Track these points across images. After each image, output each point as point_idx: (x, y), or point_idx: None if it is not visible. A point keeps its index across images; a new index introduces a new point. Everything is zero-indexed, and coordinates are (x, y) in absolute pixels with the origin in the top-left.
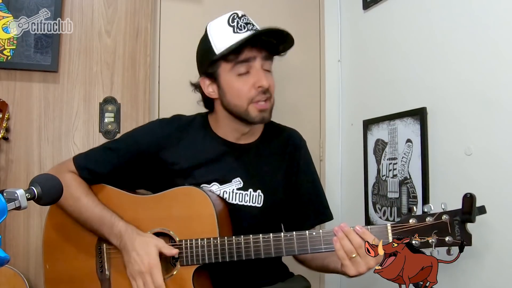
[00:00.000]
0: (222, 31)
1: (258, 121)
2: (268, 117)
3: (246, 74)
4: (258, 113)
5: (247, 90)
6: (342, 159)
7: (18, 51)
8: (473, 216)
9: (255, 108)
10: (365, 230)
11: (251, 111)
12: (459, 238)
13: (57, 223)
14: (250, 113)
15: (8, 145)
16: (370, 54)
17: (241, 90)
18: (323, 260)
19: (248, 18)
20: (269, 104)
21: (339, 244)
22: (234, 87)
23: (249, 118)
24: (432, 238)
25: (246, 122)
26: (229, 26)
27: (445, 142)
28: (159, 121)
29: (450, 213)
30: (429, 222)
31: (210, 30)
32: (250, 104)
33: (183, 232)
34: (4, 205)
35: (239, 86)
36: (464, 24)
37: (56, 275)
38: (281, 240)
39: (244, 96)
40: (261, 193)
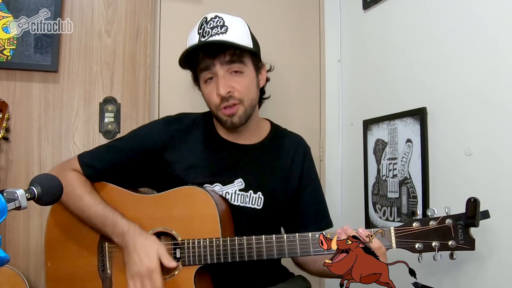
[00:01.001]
0: (191, 40)
1: (229, 126)
2: (239, 121)
3: (211, 80)
4: (226, 118)
5: (213, 97)
6: (342, 159)
7: (18, 51)
8: (476, 221)
9: (223, 114)
10: (368, 233)
11: (221, 116)
12: (462, 242)
13: (60, 221)
14: (221, 117)
15: (8, 145)
16: (370, 54)
17: (208, 97)
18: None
19: (220, 19)
20: (237, 108)
21: None
22: (204, 93)
23: (222, 122)
24: (435, 242)
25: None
26: (197, 34)
27: (445, 142)
28: (163, 120)
29: (454, 217)
30: (433, 226)
31: (188, 39)
32: (218, 111)
33: (185, 232)
34: (4, 205)
35: (207, 92)
36: (464, 24)
37: (58, 273)
38: (283, 241)
39: (211, 103)
40: (261, 195)
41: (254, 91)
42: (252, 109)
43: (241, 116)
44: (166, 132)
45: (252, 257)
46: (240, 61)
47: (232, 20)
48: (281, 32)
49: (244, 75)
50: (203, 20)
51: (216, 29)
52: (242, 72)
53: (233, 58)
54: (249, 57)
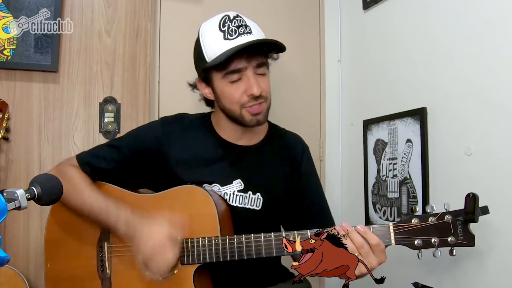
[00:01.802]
0: (213, 37)
1: (253, 124)
2: (263, 119)
3: (238, 81)
4: (252, 117)
5: (239, 96)
6: (342, 159)
7: (18, 51)
8: (476, 216)
9: (248, 113)
10: (367, 230)
11: (245, 115)
12: (461, 238)
13: (59, 221)
14: (245, 117)
15: (8, 145)
16: (370, 54)
17: (233, 96)
18: None
19: (241, 19)
20: (263, 107)
21: None
22: (226, 93)
23: (244, 122)
24: (435, 238)
25: (242, 125)
26: (220, 32)
27: (445, 142)
28: (161, 120)
29: (453, 213)
30: (432, 222)
31: (202, 34)
32: (243, 109)
33: (184, 231)
34: (4, 205)
35: (231, 92)
36: (464, 24)
37: (57, 274)
38: (282, 239)
39: (236, 102)
40: (260, 196)
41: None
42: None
43: (265, 114)
44: (164, 132)
45: (251, 255)
46: (265, 64)
47: (251, 22)
48: (281, 32)
49: (267, 76)
50: (225, 18)
51: (242, 28)
52: (265, 74)
53: (262, 60)
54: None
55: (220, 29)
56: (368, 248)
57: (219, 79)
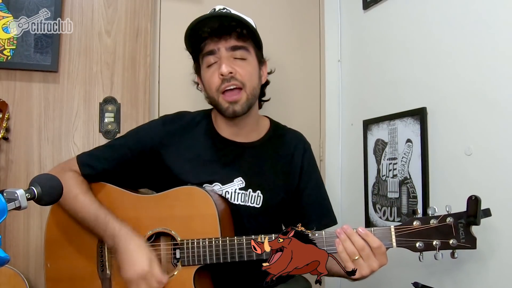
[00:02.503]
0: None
1: (229, 114)
2: (241, 109)
3: (214, 64)
4: (228, 105)
5: (215, 80)
6: (342, 159)
7: (18, 51)
8: (478, 219)
9: (224, 100)
10: (368, 232)
11: (221, 102)
12: (463, 241)
13: (59, 221)
14: (221, 104)
15: (8, 145)
16: (370, 54)
17: (209, 81)
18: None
19: (227, 10)
20: (238, 95)
21: (342, 246)
22: (205, 78)
23: (222, 110)
24: (436, 240)
25: (224, 116)
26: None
27: (445, 142)
28: (161, 119)
29: (455, 215)
30: (433, 225)
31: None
32: (220, 95)
33: (184, 232)
34: (4, 205)
35: (208, 76)
36: (464, 24)
37: (57, 274)
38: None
39: (213, 86)
40: (261, 194)
41: (256, 81)
42: (253, 99)
43: (243, 104)
44: (164, 131)
45: (251, 257)
46: (245, 48)
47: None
48: (281, 32)
49: (247, 62)
50: (213, 10)
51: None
52: (246, 59)
53: (238, 43)
54: (252, 47)
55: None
56: (369, 251)
57: (202, 66)
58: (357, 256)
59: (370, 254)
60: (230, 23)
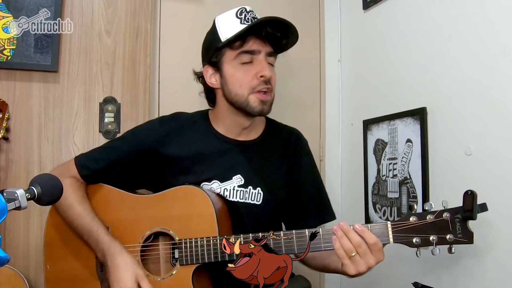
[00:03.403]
0: (229, 22)
1: (258, 112)
2: (268, 110)
3: (249, 64)
4: (258, 104)
5: (250, 79)
6: (342, 159)
7: (18, 51)
8: (474, 214)
9: (256, 98)
10: (364, 228)
11: (252, 100)
12: (460, 236)
13: (58, 223)
14: (251, 102)
15: (8, 145)
16: (370, 54)
17: (243, 79)
18: (323, 260)
19: (256, 14)
20: (269, 97)
21: (338, 243)
22: (236, 75)
23: (249, 108)
24: (433, 236)
25: (246, 113)
26: (236, 18)
27: (445, 142)
28: (159, 119)
29: (451, 210)
30: (430, 220)
31: (218, 21)
32: (251, 94)
33: (182, 232)
34: (4, 205)
35: (241, 74)
36: (464, 24)
37: (57, 274)
38: (280, 238)
39: (246, 84)
40: (261, 191)
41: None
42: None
43: (270, 106)
44: (162, 131)
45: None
46: (275, 56)
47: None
48: None
49: (274, 68)
50: (242, 9)
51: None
52: (273, 65)
53: (273, 51)
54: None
55: (237, 16)
56: (366, 247)
57: (230, 60)
58: (354, 253)
59: (367, 250)
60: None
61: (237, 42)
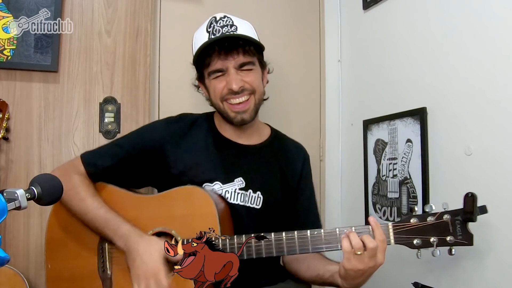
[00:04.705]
0: (200, 39)
1: (238, 122)
2: (248, 117)
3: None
4: (234, 114)
5: (221, 88)
6: (342, 159)
7: (18, 51)
8: (474, 216)
9: (229, 109)
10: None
11: (228, 110)
12: (460, 238)
13: (60, 222)
14: (228, 112)
15: (8, 145)
16: (370, 54)
17: (216, 89)
18: (318, 270)
19: (228, 19)
20: (246, 106)
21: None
22: (211, 87)
23: (228, 118)
24: (434, 237)
25: (231, 123)
26: (206, 33)
27: (445, 142)
28: (165, 120)
29: (452, 212)
30: (430, 222)
31: (194, 38)
32: (224, 102)
33: (184, 232)
34: (4, 205)
35: (214, 85)
36: (464, 24)
37: (58, 274)
38: (282, 239)
39: (217, 94)
40: (261, 195)
41: (261, 86)
42: (260, 103)
43: (251, 112)
44: (167, 131)
45: (251, 255)
46: (251, 62)
47: (240, 21)
48: (281, 32)
49: (253, 71)
50: (212, 20)
51: (226, 27)
52: (252, 69)
53: (245, 59)
54: (256, 57)
55: (207, 30)
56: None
57: (206, 75)
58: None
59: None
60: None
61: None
